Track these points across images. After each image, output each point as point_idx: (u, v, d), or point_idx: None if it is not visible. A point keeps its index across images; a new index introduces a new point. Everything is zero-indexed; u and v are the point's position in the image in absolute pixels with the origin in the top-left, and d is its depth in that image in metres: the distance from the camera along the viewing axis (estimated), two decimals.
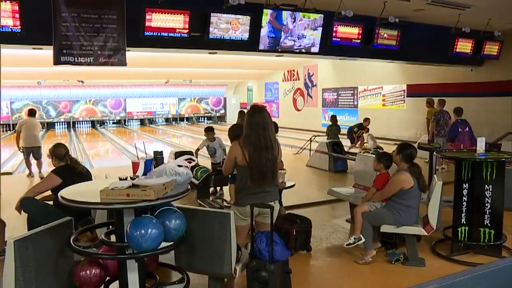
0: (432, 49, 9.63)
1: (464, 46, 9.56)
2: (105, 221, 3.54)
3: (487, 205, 4.49)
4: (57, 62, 5.57)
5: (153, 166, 3.12)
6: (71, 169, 4.32)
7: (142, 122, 27.07)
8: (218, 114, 28.84)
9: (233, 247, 3.20)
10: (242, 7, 6.30)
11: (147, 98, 27.06)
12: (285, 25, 7.10)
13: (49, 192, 4.29)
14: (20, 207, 4.15)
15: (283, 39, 7.18)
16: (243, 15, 6.60)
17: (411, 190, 4.24)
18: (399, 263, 4.32)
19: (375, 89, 17.05)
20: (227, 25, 6.54)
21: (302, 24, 7.27)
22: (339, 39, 7.72)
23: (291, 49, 7.41)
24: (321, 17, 7.34)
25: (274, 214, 3.45)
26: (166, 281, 3.68)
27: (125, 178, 2.84)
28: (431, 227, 4.25)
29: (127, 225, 2.70)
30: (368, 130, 11.58)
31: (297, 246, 4.60)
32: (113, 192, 2.65)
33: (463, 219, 4.58)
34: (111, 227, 3.17)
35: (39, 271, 2.79)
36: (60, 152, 4.40)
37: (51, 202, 4.26)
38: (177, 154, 7.03)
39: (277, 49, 7.26)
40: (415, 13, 8.06)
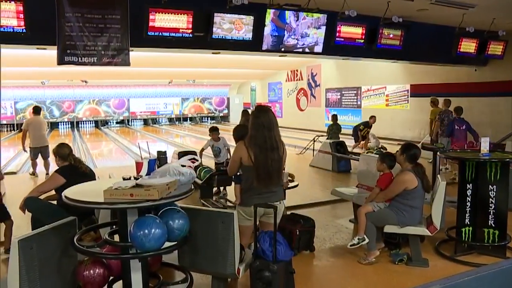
0: (436, 49, 9.60)
1: (468, 46, 9.53)
2: (108, 221, 3.55)
3: (491, 205, 4.47)
4: (61, 62, 5.59)
5: (156, 166, 3.12)
6: (74, 168, 4.33)
7: (146, 122, 27.11)
8: (222, 114, 28.84)
9: (237, 247, 3.20)
10: (245, 7, 6.30)
11: (150, 98, 27.10)
12: (288, 24, 7.10)
13: (53, 191, 4.30)
14: (24, 206, 4.17)
15: (286, 38, 7.17)
16: (246, 15, 6.60)
17: (415, 190, 4.23)
18: (402, 263, 4.31)
19: (378, 89, 17.02)
20: (231, 25, 6.54)
21: (306, 22, 7.27)
22: (342, 39, 7.71)
23: (294, 48, 7.40)
24: (325, 16, 7.34)
25: (279, 214, 3.45)
26: (169, 281, 3.68)
27: (128, 178, 2.85)
28: (434, 227, 4.24)
29: (130, 225, 2.71)
30: (370, 127, 11.56)
31: (300, 246, 4.60)
32: (116, 192, 2.66)
33: (467, 219, 4.57)
34: (115, 226, 3.18)
35: (43, 270, 2.80)
36: (64, 152, 4.41)
37: (55, 202, 4.27)
38: (181, 154, 7.03)
39: (281, 48, 7.25)
40: (418, 12, 8.04)
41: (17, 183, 8.38)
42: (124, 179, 2.84)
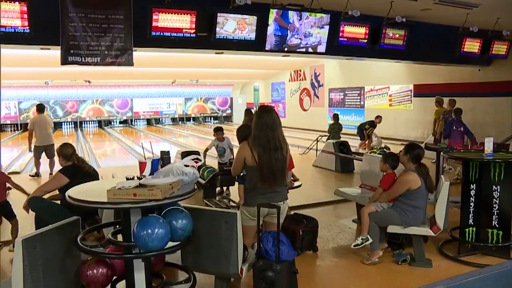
0: (440, 49, 9.58)
1: (472, 45, 9.50)
2: (112, 221, 3.56)
3: (495, 206, 4.45)
4: (64, 62, 5.61)
5: (160, 166, 3.12)
6: (78, 168, 4.34)
7: (149, 122, 27.14)
8: (225, 114, 28.85)
9: (240, 247, 3.20)
10: (248, 7, 6.30)
11: (153, 98, 27.13)
12: (291, 23, 7.10)
13: (56, 191, 4.31)
14: (28, 206, 4.18)
15: (289, 37, 7.17)
16: (249, 15, 6.60)
17: (418, 190, 4.22)
18: (406, 263, 4.30)
19: (381, 89, 16.99)
20: (234, 25, 6.54)
21: (309, 22, 7.26)
22: (345, 39, 7.71)
23: (297, 48, 7.39)
24: (328, 15, 7.33)
25: (282, 214, 3.45)
26: (172, 280, 3.69)
27: (132, 178, 2.85)
28: (438, 227, 4.23)
29: (134, 224, 2.71)
30: (375, 127, 11.56)
31: (303, 246, 4.59)
32: (120, 192, 2.66)
33: (470, 220, 4.55)
34: (118, 226, 3.19)
35: (47, 269, 2.81)
36: (67, 152, 4.43)
37: (58, 202, 4.28)
38: (184, 154, 7.04)
39: (284, 48, 7.25)
40: (422, 12, 8.02)
41: (20, 182, 8.35)
42: (127, 179, 2.85)
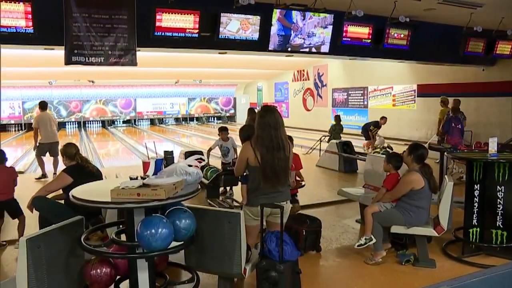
0: (443, 48, 9.55)
1: (476, 45, 9.46)
2: (115, 221, 3.57)
3: (499, 206, 4.44)
4: (68, 62, 5.63)
5: (163, 166, 3.13)
6: (81, 168, 4.36)
7: (152, 122, 27.17)
8: (228, 114, 28.83)
9: (243, 247, 3.20)
10: (252, 7, 6.30)
11: (157, 98, 27.15)
12: (294, 23, 7.09)
13: (60, 191, 4.33)
14: (32, 205, 4.20)
15: (293, 37, 7.17)
16: (253, 15, 6.60)
17: (422, 190, 4.21)
18: (409, 264, 4.29)
19: (385, 89, 16.95)
20: (237, 25, 6.55)
21: (312, 22, 7.25)
22: (349, 39, 7.70)
23: (301, 48, 7.39)
24: (331, 15, 7.32)
25: (285, 214, 3.44)
26: (176, 280, 3.69)
27: (135, 178, 2.86)
28: (442, 228, 4.22)
29: (137, 224, 2.72)
30: (380, 127, 11.56)
31: (306, 246, 4.59)
32: (123, 192, 2.67)
33: (474, 220, 4.54)
34: (122, 226, 3.19)
35: (51, 269, 2.82)
36: (71, 152, 4.44)
37: (62, 201, 4.30)
38: (187, 154, 7.04)
39: (287, 48, 7.25)
40: (426, 12, 8.00)
41: (24, 182, 8.41)
42: (131, 178, 2.85)
